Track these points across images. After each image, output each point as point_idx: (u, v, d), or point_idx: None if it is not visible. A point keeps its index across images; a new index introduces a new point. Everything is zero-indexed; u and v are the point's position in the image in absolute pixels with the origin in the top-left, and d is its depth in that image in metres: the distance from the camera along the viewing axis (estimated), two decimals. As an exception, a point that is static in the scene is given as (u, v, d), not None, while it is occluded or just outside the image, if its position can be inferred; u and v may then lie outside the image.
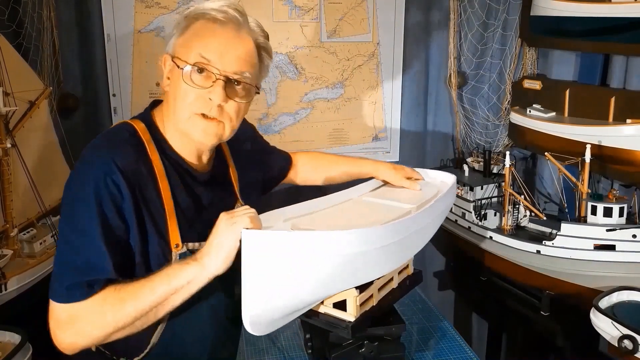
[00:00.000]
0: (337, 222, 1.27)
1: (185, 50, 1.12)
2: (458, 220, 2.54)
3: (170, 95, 1.16)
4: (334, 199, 1.40)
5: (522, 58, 2.66)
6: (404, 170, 1.59)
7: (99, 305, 1.05)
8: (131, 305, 1.05)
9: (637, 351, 1.61)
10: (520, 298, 2.34)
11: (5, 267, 1.84)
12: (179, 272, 1.06)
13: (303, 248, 1.02)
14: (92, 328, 1.06)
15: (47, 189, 2.06)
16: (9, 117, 1.89)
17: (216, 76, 1.10)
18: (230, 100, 1.13)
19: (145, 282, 1.06)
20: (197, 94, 1.11)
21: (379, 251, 1.15)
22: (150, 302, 1.05)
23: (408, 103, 2.81)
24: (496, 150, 2.75)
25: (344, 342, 1.37)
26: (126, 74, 2.43)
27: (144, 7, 2.39)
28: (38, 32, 2.20)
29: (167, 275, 1.06)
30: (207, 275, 1.06)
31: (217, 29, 1.12)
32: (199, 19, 1.13)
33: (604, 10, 2.11)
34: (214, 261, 1.05)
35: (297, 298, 1.12)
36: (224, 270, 1.06)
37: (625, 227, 1.94)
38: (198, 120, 1.13)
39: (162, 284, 1.05)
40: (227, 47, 1.12)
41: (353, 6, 2.62)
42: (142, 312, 1.06)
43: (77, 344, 1.08)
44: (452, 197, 1.59)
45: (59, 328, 1.08)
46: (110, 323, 1.05)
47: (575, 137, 2.21)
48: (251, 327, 1.07)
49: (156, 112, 1.23)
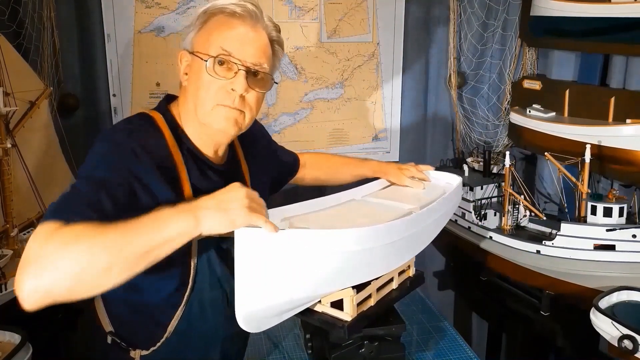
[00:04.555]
0: (335, 222, 1.26)
1: (206, 44, 1.15)
2: (458, 220, 2.54)
3: (190, 89, 1.18)
4: (335, 199, 1.40)
5: (522, 58, 2.66)
6: (409, 170, 1.58)
7: (79, 231, 0.89)
8: (113, 241, 0.88)
9: (637, 351, 1.61)
10: (520, 298, 2.34)
11: (5, 267, 1.83)
12: (172, 220, 0.94)
13: (296, 246, 1.01)
14: (63, 260, 0.86)
15: (47, 189, 2.06)
16: (9, 117, 1.89)
17: (238, 67, 1.14)
18: (251, 90, 1.16)
19: (134, 223, 0.92)
20: (220, 86, 1.14)
21: (377, 251, 1.14)
22: (137, 246, 0.90)
23: (408, 103, 2.81)
24: (496, 150, 2.75)
25: (344, 342, 1.37)
26: (126, 74, 2.43)
27: (144, 7, 2.39)
28: (38, 32, 2.20)
29: (159, 221, 0.93)
30: (197, 231, 0.95)
31: (236, 22, 1.15)
32: (217, 14, 1.17)
33: (604, 10, 2.11)
34: (211, 222, 0.96)
35: (292, 296, 1.12)
36: (219, 232, 0.97)
37: (625, 227, 1.94)
38: (220, 109, 1.15)
39: (151, 229, 0.92)
40: (246, 39, 1.15)
41: (353, 6, 2.62)
42: (123, 255, 0.89)
43: (39, 286, 0.85)
44: (457, 199, 1.59)
45: (25, 262, 0.87)
46: (85, 257, 0.86)
47: (575, 137, 2.21)
48: (245, 323, 1.07)
49: (172, 106, 1.25)
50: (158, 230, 0.93)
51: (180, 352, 1.25)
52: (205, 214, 0.96)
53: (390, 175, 1.59)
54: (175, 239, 0.94)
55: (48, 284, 0.85)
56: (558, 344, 2.17)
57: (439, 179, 1.61)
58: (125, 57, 2.41)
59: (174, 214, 0.95)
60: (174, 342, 1.22)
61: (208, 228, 0.96)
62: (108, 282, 0.90)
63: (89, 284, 0.89)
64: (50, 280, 0.86)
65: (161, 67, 2.45)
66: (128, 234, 0.90)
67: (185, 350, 1.25)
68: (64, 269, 0.86)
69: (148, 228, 0.93)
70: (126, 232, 0.91)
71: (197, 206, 0.97)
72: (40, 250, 0.87)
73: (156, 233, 0.92)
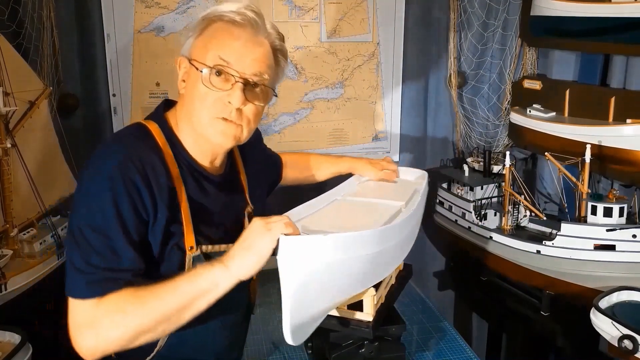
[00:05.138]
0: (341, 223, 1.27)
1: (203, 52, 1.11)
2: (458, 220, 2.54)
3: (187, 98, 1.14)
4: (321, 201, 1.39)
5: (522, 58, 2.66)
6: (380, 164, 1.67)
7: (121, 304, 1.00)
8: (154, 306, 1.00)
9: (637, 351, 1.61)
10: (520, 298, 2.34)
11: (5, 267, 1.83)
12: (204, 273, 1.01)
13: (338, 250, 1.01)
14: (113, 330, 1.00)
15: (47, 189, 2.06)
16: (9, 117, 1.88)
17: (235, 79, 1.09)
18: (249, 103, 1.11)
19: (169, 283, 1.01)
20: (216, 97, 1.09)
21: (394, 246, 1.18)
22: (174, 304, 1.00)
23: (408, 103, 2.81)
24: (496, 150, 2.75)
25: (344, 343, 1.37)
26: (126, 74, 2.43)
27: (144, 7, 2.39)
28: (38, 32, 2.19)
29: (191, 276, 1.02)
30: (231, 279, 1.01)
31: (235, 30, 1.10)
32: (216, 20, 1.12)
33: (604, 10, 2.11)
34: (240, 265, 1.00)
35: (332, 301, 1.13)
36: (251, 275, 1.02)
37: (625, 227, 1.93)
38: (218, 122, 1.11)
39: (185, 284, 1.01)
40: (245, 49, 1.10)
41: (353, 6, 2.62)
42: (165, 315, 1.00)
43: (98, 348, 1.01)
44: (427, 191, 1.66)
45: (79, 329, 1.01)
46: (132, 325, 1.00)
47: (575, 137, 2.21)
48: (292, 338, 1.03)
49: (170, 113, 1.20)
50: (192, 284, 1.00)
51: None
52: (232, 258, 1.01)
53: (363, 171, 1.66)
54: (210, 289, 1.01)
55: (103, 348, 1.01)
56: (558, 344, 2.17)
57: (406, 172, 1.70)
58: (125, 57, 2.41)
59: (206, 267, 1.02)
60: (165, 355, 1.19)
61: (240, 270, 1.01)
62: (157, 336, 1.04)
63: (140, 342, 1.02)
64: (105, 346, 1.01)
65: (161, 67, 2.45)
66: (166, 296, 1.00)
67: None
68: (115, 338, 1.00)
69: (183, 285, 1.01)
70: (164, 294, 1.00)
71: (226, 256, 1.02)
72: (91, 323, 1.00)
73: (191, 287, 1.00)
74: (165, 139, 1.14)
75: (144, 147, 1.10)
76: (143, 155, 1.07)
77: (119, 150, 1.07)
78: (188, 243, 1.11)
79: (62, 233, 2.09)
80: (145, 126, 1.15)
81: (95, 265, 1.01)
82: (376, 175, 1.65)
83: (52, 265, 2.00)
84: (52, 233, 2.06)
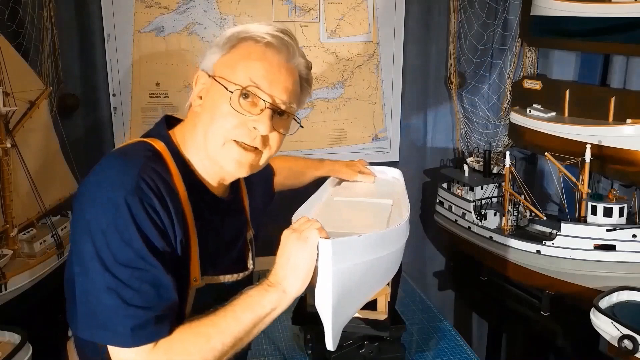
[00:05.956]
0: (343, 223, 1.28)
1: (231, 71, 1.03)
2: (458, 220, 2.54)
3: (203, 117, 1.04)
4: (311, 205, 1.37)
5: (522, 58, 2.65)
6: (356, 165, 1.73)
7: (180, 344, 0.94)
8: (217, 340, 0.95)
9: (637, 351, 1.61)
10: (520, 298, 2.34)
11: (5, 267, 1.83)
12: (261, 299, 0.98)
13: (375, 248, 1.02)
14: None
15: (47, 189, 2.06)
16: (9, 117, 1.88)
17: (266, 104, 1.01)
18: (274, 131, 1.04)
19: (227, 313, 0.97)
20: (240, 121, 1.01)
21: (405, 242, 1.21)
22: (237, 332, 0.97)
23: (408, 103, 2.81)
24: (496, 150, 2.75)
25: (344, 343, 1.37)
26: (126, 74, 2.43)
27: (144, 7, 2.39)
28: (38, 32, 2.20)
29: (249, 304, 0.98)
30: (289, 300, 0.99)
31: (270, 53, 1.03)
32: (248, 40, 1.04)
33: (604, 10, 2.11)
34: (294, 284, 0.98)
35: (363, 300, 1.14)
36: (304, 289, 0.99)
37: (625, 227, 1.93)
38: (233, 148, 1.02)
39: (245, 312, 0.97)
40: (278, 75, 1.03)
41: (353, 6, 2.62)
42: (229, 345, 0.97)
43: None
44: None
45: None
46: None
47: (575, 137, 2.21)
48: (333, 343, 1.02)
49: (176, 131, 1.10)
50: (252, 312, 0.98)
51: None
52: (285, 279, 0.98)
53: (343, 174, 1.71)
54: (269, 314, 0.99)
55: None
56: (558, 344, 2.17)
57: (383, 172, 1.76)
58: (125, 57, 2.41)
59: (259, 292, 0.99)
60: None
61: (296, 293, 0.99)
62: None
63: None
64: None
65: (161, 67, 2.45)
66: (228, 328, 0.96)
67: None
68: None
69: (245, 314, 0.97)
70: (225, 326, 0.96)
71: (277, 279, 0.99)
72: None
73: (252, 315, 0.98)
74: (173, 159, 1.05)
75: (153, 167, 0.99)
76: (153, 176, 0.97)
77: (128, 172, 0.95)
78: (193, 274, 1.04)
79: (62, 233, 2.09)
80: (150, 144, 1.04)
81: (134, 303, 0.91)
82: (353, 177, 1.70)
83: (52, 265, 2.00)
84: (52, 233, 2.06)
